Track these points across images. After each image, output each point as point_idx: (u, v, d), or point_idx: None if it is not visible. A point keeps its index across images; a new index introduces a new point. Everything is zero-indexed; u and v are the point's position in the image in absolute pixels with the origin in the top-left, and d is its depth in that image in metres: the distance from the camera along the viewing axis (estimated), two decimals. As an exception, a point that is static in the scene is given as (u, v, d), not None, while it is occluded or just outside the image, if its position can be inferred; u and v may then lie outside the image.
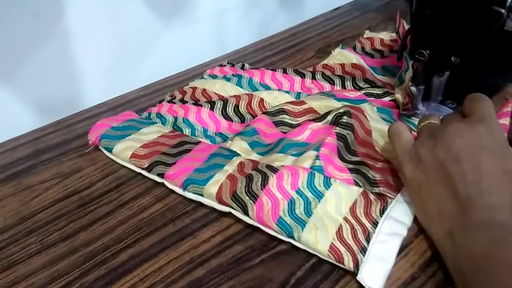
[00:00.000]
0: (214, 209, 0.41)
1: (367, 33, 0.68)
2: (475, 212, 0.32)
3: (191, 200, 0.42)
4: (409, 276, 0.34)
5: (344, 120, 0.46)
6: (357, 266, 0.34)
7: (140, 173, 0.46)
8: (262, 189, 0.39)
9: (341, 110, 0.47)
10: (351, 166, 0.43)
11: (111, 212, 0.42)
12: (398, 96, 0.51)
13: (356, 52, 0.63)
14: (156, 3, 0.61)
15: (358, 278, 0.34)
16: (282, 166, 0.41)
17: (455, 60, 0.44)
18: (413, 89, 0.48)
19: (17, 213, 0.43)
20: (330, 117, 0.47)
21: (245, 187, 0.39)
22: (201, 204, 0.42)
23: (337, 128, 0.45)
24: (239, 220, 0.40)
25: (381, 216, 0.38)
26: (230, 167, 0.43)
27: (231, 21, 0.71)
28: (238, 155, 0.45)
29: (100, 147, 0.49)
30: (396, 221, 0.38)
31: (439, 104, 0.51)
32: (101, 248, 0.38)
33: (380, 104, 0.51)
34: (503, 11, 0.39)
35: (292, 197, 0.39)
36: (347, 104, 0.50)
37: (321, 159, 0.42)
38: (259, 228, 0.39)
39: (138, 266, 0.37)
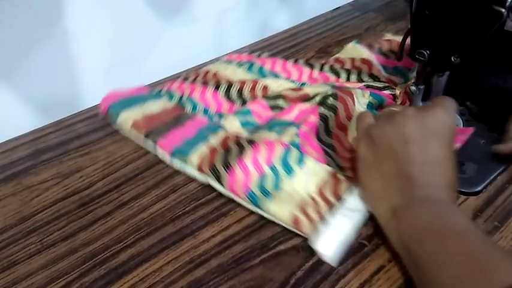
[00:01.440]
0: (214, 209, 0.41)
1: (388, 36, 0.67)
2: (417, 189, 0.34)
3: (191, 200, 0.43)
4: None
5: (329, 102, 0.48)
6: (315, 234, 0.37)
7: (140, 173, 0.46)
8: (237, 161, 0.42)
9: (329, 92, 0.49)
10: (324, 147, 0.45)
11: (111, 212, 0.42)
12: (398, 92, 0.52)
13: (371, 50, 0.63)
14: (156, 3, 0.61)
15: (314, 244, 0.36)
16: (261, 140, 0.44)
17: (455, 60, 0.44)
18: (413, 88, 0.48)
19: (17, 213, 0.43)
20: (317, 98, 0.49)
21: (222, 159, 0.43)
22: (201, 204, 0.42)
23: (321, 108, 0.48)
24: (239, 220, 0.40)
25: (347, 195, 0.40)
26: (215, 140, 0.46)
27: (231, 21, 0.71)
28: (224, 128, 0.48)
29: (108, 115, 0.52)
30: (360, 199, 0.40)
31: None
32: (101, 248, 0.38)
33: (376, 93, 0.52)
34: (503, 10, 0.39)
35: (264, 172, 0.42)
36: (340, 87, 0.51)
37: (300, 136, 0.45)
38: (259, 228, 0.39)
39: (138, 266, 0.37)
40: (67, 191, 0.45)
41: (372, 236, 0.37)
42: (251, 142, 0.44)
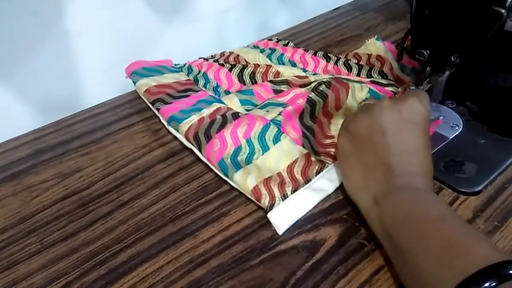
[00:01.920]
0: (214, 209, 0.41)
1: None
2: (396, 179, 0.35)
3: (191, 200, 0.43)
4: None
5: (321, 88, 0.49)
6: (272, 206, 0.39)
7: (140, 173, 0.46)
8: (216, 133, 0.45)
9: (324, 79, 0.50)
10: (304, 130, 0.47)
11: (111, 212, 0.42)
12: (399, 90, 0.53)
13: (396, 48, 0.63)
14: (156, 3, 0.61)
15: (268, 215, 0.39)
16: (244, 115, 0.47)
17: (455, 60, 0.44)
18: (413, 88, 0.48)
19: (17, 213, 0.43)
20: (313, 84, 0.51)
21: (205, 129, 0.46)
22: (201, 204, 0.42)
23: (312, 94, 0.49)
24: (239, 220, 0.40)
25: (316, 176, 0.42)
26: (206, 111, 0.49)
27: (231, 21, 0.71)
28: (220, 102, 0.51)
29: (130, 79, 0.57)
30: (328, 180, 0.42)
31: (439, 104, 0.51)
32: (101, 248, 0.38)
33: (377, 89, 0.52)
34: (503, 11, 0.39)
35: (240, 144, 0.45)
36: (339, 78, 0.52)
37: (282, 115, 0.47)
38: (259, 228, 0.39)
39: (138, 266, 0.37)
40: (67, 191, 0.45)
41: (371, 236, 0.37)
42: (235, 116, 0.47)
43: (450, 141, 0.47)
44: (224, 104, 0.51)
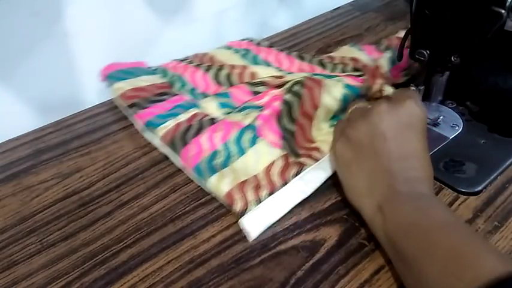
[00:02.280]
0: (214, 209, 0.41)
1: (400, 32, 0.66)
2: (399, 185, 0.35)
3: (191, 200, 0.43)
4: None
5: (295, 89, 0.48)
6: (244, 212, 0.38)
7: (140, 173, 0.46)
8: (193, 138, 0.45)
9: (298, 79, 0.50)
10: (283, 132, 0.46)
11: (111, 212, 0.42)
12: (377, 86, 0.50)
13: (377, 49, 0.63)
14: (156, 3, 0.61)
15: (239, 222, 0.38)
16: (220, 120, 0.47)
17: (455, 60, 0.44)
18: (413, 89, 0.48)
19: (17, 213, 0.43)
20: (287, 85, 0.50)
21: (181, 134, 0.46)
22: (201, 204, 0.42)
23: (287, 95, 0.48)
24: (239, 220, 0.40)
25: (293, 178, 0.41)
26: (183, 116, 0.49)
27: (231, 21, 0.71)
28: (198, 107, 0.51)
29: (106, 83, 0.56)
30: (305, 182, 0.41)
31: (439, 104, 0.51)
32: (101, 248, 0.38)
33: (353, 79, 0.51)
34: (503, 11, 0.39)
35: (217, 149, 0.44)
36: (312, 76, 0.51)
37: (258, 119, 0.46)
38: (259, 228, 0.39)
39: (138, 266, 0.37)
40: (67, 191, 0.45)
41: (371, 236, 0.37)
42: (212, 122, 0.47)
43: (450, 141, 0.47)
44: (201, 108, 0.51)
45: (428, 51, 0.45)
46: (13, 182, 0.46)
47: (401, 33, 0.65)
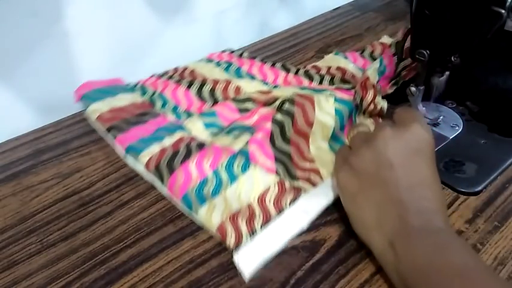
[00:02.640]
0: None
1: (384, 38, 0.66)
2: (412, 217, 0.32)
3: (191, 200, 0.42)
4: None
5: (285, 107, 0.46)
6: (238, 246, 0.36)
7: (139, 174, 0.46)
8: (180, 165, 0.42)
9: (288, 97, 0.47)
10: (278, 155, 0.44)
11: (111, 212, 0.42)
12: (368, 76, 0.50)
13: (363, 56, 0.63)
14: (156, 3, 0.61)
15: (234, 258, 0.35)
16: (210, 146, 0.44)
17: (455, 60, 0.44)
18: (413, 89, 0.48)
19: (17, 213, 0.43)
20: (277, 103, 0.48)
21: (168, 160, 0.43)
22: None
23: (277, 114, 0.46)
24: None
25: (289, 206, 0.39)
26: (168, 140, 0.46)
27: (231, 21, 0.71)
28: (183, 130, 0.48)
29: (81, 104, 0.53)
30: (302, 211, 0.38)
31: (439, 104, 0.51)
32: (101, 248, 0.38)
33: (343, 93, 0.49)
34: (503, 11, 0.39)
35: (207, 176, 0.41)
36: (302, 92, 0.50)
37: (250, 143, 0.44)
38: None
39: (138, 266, 0.37)
40: (67, 191, 0.45)
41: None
42: (200, 147, 0.44)
43: (450, 141, 0.47)
44: (186, 130, 0.48)
45: (428, 51, 0.45)
46: (13, 182, 0.46)
47: (385, 39, 0.66)
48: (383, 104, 0.47)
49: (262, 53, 0.69)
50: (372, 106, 0.47)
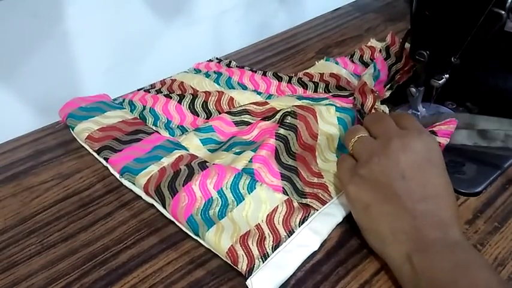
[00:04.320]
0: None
1: (372, 42, 0.66)
2: (429, 230, 0.32)
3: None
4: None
5: (287, 121, 0.45)
6: (251, 270, 0.34)
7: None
8: (183, 186, 0.40)
9: (288, 110, 0.46)
10: (284, 172, 0.42)
11: (111, 212, 0.42)
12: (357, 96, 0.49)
13: (352, 61, 0.62)
14: (156, 4, 0.61)
15: (247, 282, 0.33)
16: (213, 164, 0.42)
17: (455, 61, 0.44)
18: (413, 90, 0.48)
19: (17, 214, 0.43)
20: (278, 116, 0.46)
21: (169, 181, 0.40)
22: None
23: (280, 129, 0.45)
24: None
25: (299, 226, 0.37)
26: (167, 160, 0.44)
27: (231, 22, 0.71)
28: (181, 148, 0.46)
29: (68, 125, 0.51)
30: (313, 232, 0.37)
31: (439, 104, 0.51)
32: (101, 249, 0.38)
33: (343, 101, 0.49)
34: (503, 12, 0.39)
35: (211, 197, 0.39)
36: (302, 103, 0.49)
37: (254, 161, 0.42)
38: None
39: (138, 266, 0.37)
40: (67, 192, 0.45)
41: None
42: (202, 166, 0.42)
43: (450, 142, 0.46)
44: (184, 148, 0.46)
45: (428, 52, 0.45)
46: (13, 182, 0.46)
47: (373, 43, 0.66)
48: (383, 109, 0.47)
49: (262, 53, 0.69)
50: (373, 112, 0.47)
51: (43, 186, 0.46)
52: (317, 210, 0.39)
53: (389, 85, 0.52)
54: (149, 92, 0.56)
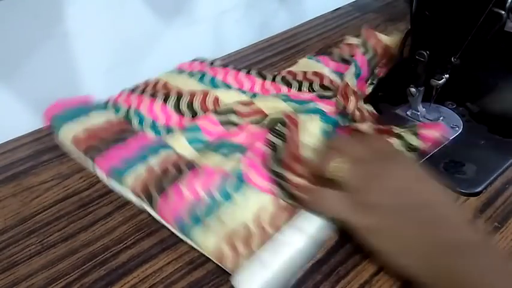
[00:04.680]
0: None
1: (349, 39, 0.66)
2: (446, 233, 0.32)
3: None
4: None
5: (277, 128, 0.45)
6: (236, 269, 0.34)
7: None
8: (171, 185, 0.40)
9: (277, 116, 0.46)
10: (272, 175, 0.42)
11: (111, 212, 0.42)
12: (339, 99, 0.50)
13: (333, 59, 0.62)
14: (156, 4, 0.61)
15: (233, 280, 0.33)
16: (201, 165, 0.42)
17: (455, 61, 0.44)
18: (413, 90, 0.48)
19: (17, 214, 0.43)
20: (266, 122, 0.46)
21: (157, 182, 0.40)
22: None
23: (270, 135, 0.44)
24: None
25: (288, 225, 0.37)
26: (154, 160, 0.43)
27: (231, 22, 0.71)
28: (168, 148, 0.45)
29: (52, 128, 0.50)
30: (299, 230, 0.36)
31: (439, 104, 0.51)
32: (101, 249, 0.38)
33: (328, 104, 0.49)
34: (503, 12, 0.39)
35: (200, 197, 0.39)
36: (288, 105, 0.49)
37: (243, 164, 0.42)
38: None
39: (138, 266, 0.37)
40: (67, 192, 0.45)
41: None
42: (191, 166, 0.42)
43: (450, 142, 0.47)
44: (171, 148, 0.46)
45: (428, 52, 0.45)
46: (13, 182, 0.46)
47: (351, 40, 0.66)
48: (368, 108, 0.47)
49: (262, 53, 0.69)
50: (357, 112, 0.47)
51: (43, 186, 0.46)
52: (302, 209, 0.39)
53: (370, 81, 0.52)
54: (133, 93, 0.56)
